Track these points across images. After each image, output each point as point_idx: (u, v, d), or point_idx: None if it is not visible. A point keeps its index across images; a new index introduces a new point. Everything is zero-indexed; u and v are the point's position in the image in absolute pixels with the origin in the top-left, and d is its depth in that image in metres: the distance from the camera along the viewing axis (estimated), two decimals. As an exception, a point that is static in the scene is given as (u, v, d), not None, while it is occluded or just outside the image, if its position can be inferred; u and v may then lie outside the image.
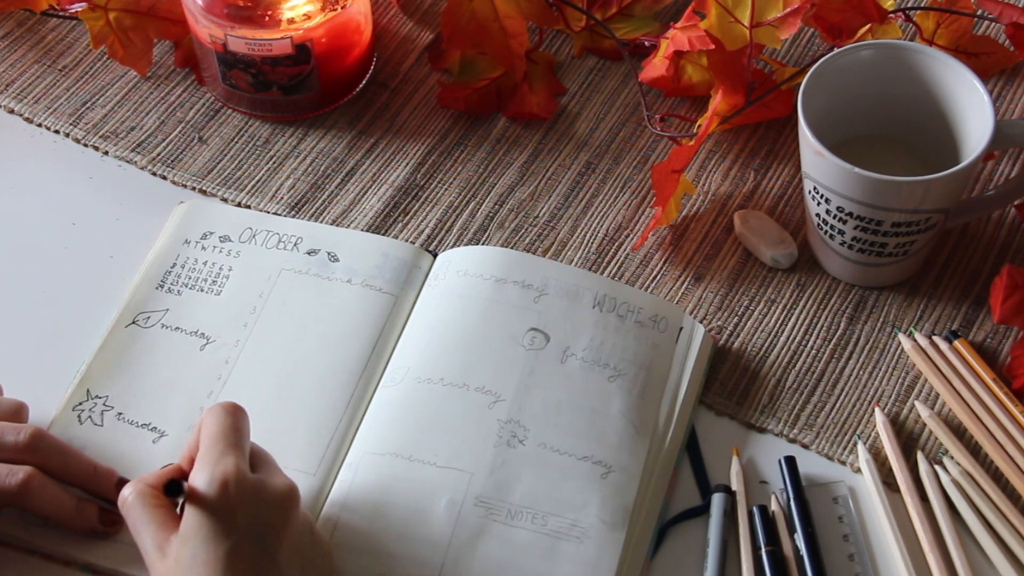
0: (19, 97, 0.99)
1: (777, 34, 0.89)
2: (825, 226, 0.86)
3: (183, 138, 0.97)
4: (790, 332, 0.87)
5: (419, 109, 0.99)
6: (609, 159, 0.96)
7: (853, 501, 0.79)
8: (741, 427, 0.83)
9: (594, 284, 0.85)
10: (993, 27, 1.01)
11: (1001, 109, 0.98)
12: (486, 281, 0.85)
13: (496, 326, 0.83)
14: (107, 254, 0.90)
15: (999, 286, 0.83)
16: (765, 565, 0.76)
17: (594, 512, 0.76)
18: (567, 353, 0.82)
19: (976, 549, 0.77)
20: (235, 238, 0.89)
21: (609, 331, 0.83)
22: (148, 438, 0.80)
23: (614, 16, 1.02)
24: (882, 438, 0.81)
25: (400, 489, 0.77)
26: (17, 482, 0.73)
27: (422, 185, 0.94)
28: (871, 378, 0.84)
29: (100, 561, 0.75)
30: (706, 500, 0.79)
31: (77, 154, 0.96)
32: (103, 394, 0.81)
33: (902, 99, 0.88)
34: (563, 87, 1.00)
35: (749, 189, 0.94)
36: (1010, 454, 0.79)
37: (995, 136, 0.82)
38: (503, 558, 0.75)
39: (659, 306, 0.85)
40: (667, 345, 0.83)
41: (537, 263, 0.86)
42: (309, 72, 0.94)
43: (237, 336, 0.84)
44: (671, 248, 0.91)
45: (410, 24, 1.04)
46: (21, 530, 0.76)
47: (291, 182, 0.94)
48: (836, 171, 0.81)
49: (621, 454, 0.78)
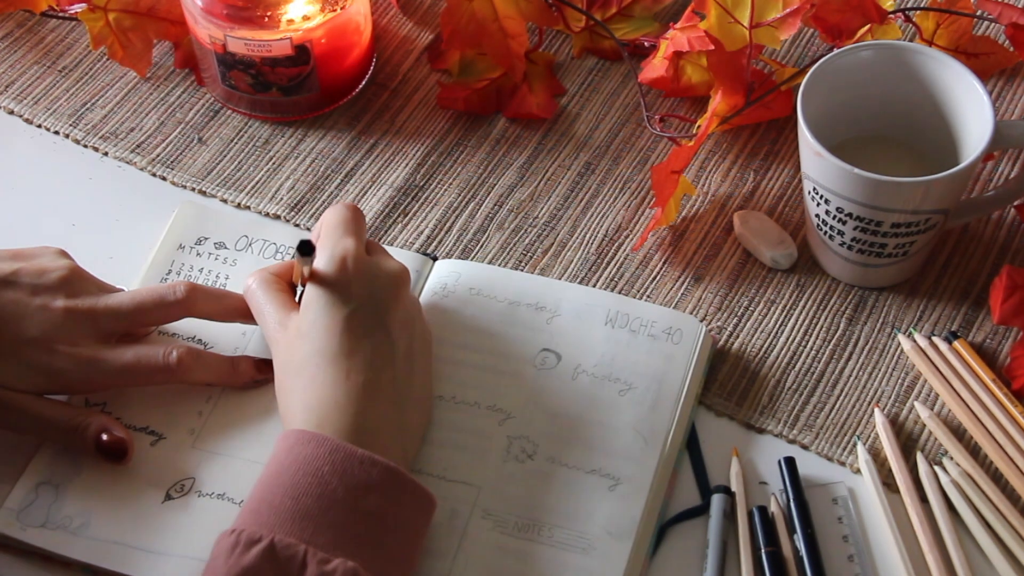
0: (19, 98, 0.99)
1: (777, 34, 0.89)
2: (825, 227, 0.86)
3: (183, 139, 0.97)
4: (790, 333, 0.87)
5: (419, 110, 0.99)
6: (609, 159, 0.96)
7: (853, 502, 0.79)
8: (741, 428, 0.83)
9: (607, 302, 0.85)
10: (993, 27, 1.01)
11: (1001, 109, 0.98)
12: (499, 303, 0.85)
13: (509, 348, 0.83)
14: (107, 255, 0.90)
15: (999, 287, 0.83)
16: (765, 566, 0.76)
17: (601, 524, 0.76)
18: (578, 370, 0.82)
19: (975, 550, 0.77)
20: (231, 246, 0.89)
21: (621, 347, 0.83)
22: (146, 441, 0.80)
23: (614, 16, 1.02)
24: (882, 439, 0.81)
25: None
26: (175, 360, 0.78)
27: (421, 186, 0.94)
28: (871, 379, 0.84)
29: (100, 562, 0.75)
30: (706, 500, 0.79)
31: (77, 155, 0.96)
32: (101, 400, 0.81)
33: (902, 99, 0.88)
34: (563, 87, 1.00)
35: (749, 189, 0.94)
36: (1010, 455, 0.79)
37: (995, 137, 0.82)
38: (509, 570, 0.75)
39: (673, 318, 0.84)
40: (682, 356, 0.83)
41: (551, 286, 0.86)
42: (308, 73, 0.94)
43: (235, 344, 0.84)
44: (671, 249, 0.91)
45: (410, 24, 1.04)
46: (19, 532, 0.76)
47: (291, 183, 0.94)
48: (836, 172, 0.81)
49: (629, 466, 0.78)
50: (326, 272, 0.76)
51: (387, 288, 0.77)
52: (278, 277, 0.80)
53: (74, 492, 0.77)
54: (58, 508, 0.77)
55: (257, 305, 0.79)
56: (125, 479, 0.78)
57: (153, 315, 0.80)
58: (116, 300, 0.80)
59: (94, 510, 0.77)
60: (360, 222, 0.80)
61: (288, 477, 0.69)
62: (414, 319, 0.79)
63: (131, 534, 0.76)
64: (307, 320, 0.75)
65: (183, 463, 0.79)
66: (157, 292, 0.80)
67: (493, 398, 0.81)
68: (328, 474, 0.69)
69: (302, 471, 0.69)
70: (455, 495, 0.77)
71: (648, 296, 0.88)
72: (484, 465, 0.78)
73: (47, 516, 0.76)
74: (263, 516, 0.68)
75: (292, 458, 0.70)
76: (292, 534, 0.67)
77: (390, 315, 0.76)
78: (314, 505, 0.68)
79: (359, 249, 0.78)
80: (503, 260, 0.90)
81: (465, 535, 0.76)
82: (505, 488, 0.78)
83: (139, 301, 0.80)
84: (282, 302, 0.78)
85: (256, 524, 0.68)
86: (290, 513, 0.68)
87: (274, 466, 0.71)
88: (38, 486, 0.78)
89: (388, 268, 0.78)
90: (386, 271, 0.78)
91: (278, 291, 0.79)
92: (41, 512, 0.77)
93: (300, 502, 0.68)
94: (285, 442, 0.72)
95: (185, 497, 0.77)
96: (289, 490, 0.69)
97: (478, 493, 0.77)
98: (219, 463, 0.79)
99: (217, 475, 0.78)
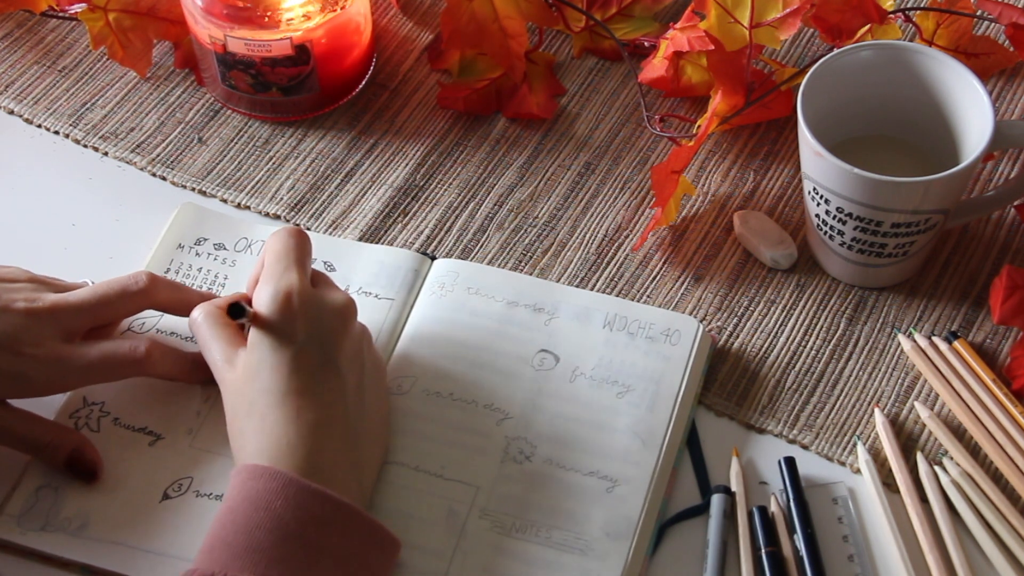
0: (19, 98, 0.99)
1: (777, 34, 0.89)
2: (825, 227, 0.86)
3: (183, 139, 0.97)
4: (790, 333, 0.87)
5: (419, 110, 0.99)
6: (609, 160, 0.96)
7: (853, 502, 0.79)
8: (741, 428, 0.83)
9: (605, 305, 0.85)
10: (993, 27, 1.01)
11: (1001, 109, 0.98)
12: (498, 303, 0.85)
13: (506, 347, 0.83)
14: (107, 255, 0.90)
15: (999, 287, 0.83)
16: (765, 566, 0.75)
17: (598, 525, 0.76)
18: (576, 372, 0.82)
19: (976, 550, 0.77)
20: (230, 247, 0.89)
21: (619, 349, 0.83)
22: (144, 442, 0.80)
23: (614, 17, 1.02)
24: (882, 439, 0.81)
25: (405, 498, 0.77)
26: (142, 354, 0.78)
27: (421, 186, 0.94)
28: (871, 379, 0.84)
29: (98, 562, 0.75)
30: (706, 500, 0.79)
31: (77, 155, 0.96)
32: (99, 400, 0.81)
33: (902, 99, 0.88)
34: (563, 87, 1.00)
35: (749, 189, 0.94)
36: (1010, 455, 0.79)
37: (995, 136, 0.81)
38: (507, 570, 0.75)
39: (671, 320, 0.84)
40: (680, 356, 0.83)
41: (550, 288, 0.86)
42: (308, 73, 0.94)
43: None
44: (671, 249, 0.91)
45: (410, 24, 1.04)
46: (19, 536, 0.76)
47: (291, 183, 0.94)
48: (836, 172, 0.81)
49: (627, 468, 0.78)
50: (270, 312, 0.74)
51: (334, 322, 0.75)
52: (223, 311, 0.77)
53: (73, 493, 0.77)
54: (57, 510, 0.77)
55: (203, 340, 0.77)
56: (124, 479, 0.78)
57: (117, 307, 0.79)
58: (77, 296, 0.78)
59: (92, 510, 0.77)
60: (305, 250, 0.78)
61: (241, 514, 0.68)
62: (363, 351, 0.77)
63: (129, 534, 0.76)
64: (254, 359, 0.74)
65: (181, 463, 0.79)
66: (119, 283, 0.79)
67: (490, 397, 0.81)
68: (281, 508, 0.68)
69: (255, 506, 0.68)
70: (453, 494, 0.77)
71: (648, 296, 0.88)
72: (482, 465, 0.78)
73: (47, 519, 0.76)
74: (217, 553, 0.67)
75: (245, 494, 0.69)
76: (246, 569, 0.66)
77: (338, 350, 0.75)
78: (267, 539, 0.67)
79: (303, 283, 0.76)
80: (503, 260, 0.90)
81: (463, 535, 0.76)
82: (503, 488, 0.78)
83: (101, 294, 0.79)
84: (228, 337, 0.76)
85: (210, 562, 0.67)
86: (244, 549, 0.67)
87: (227, 503, 0.70)
88: (38, 490, 0.78)
89: (334, 301, 0.76)
90: (332, 305, 0.76)
91: (224, 325, 0.77)
92: (41, 516, 0.77)
93: (253, 537, 0.67)
94: (238, 478, 0.70)
95: (183, 497, 0.77)
96: (242, 526, 0.68)
97: (476, 493, 0.77)
98: (217, 463, 0.79)
99: (215, 475, 0.78)
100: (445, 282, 0.86)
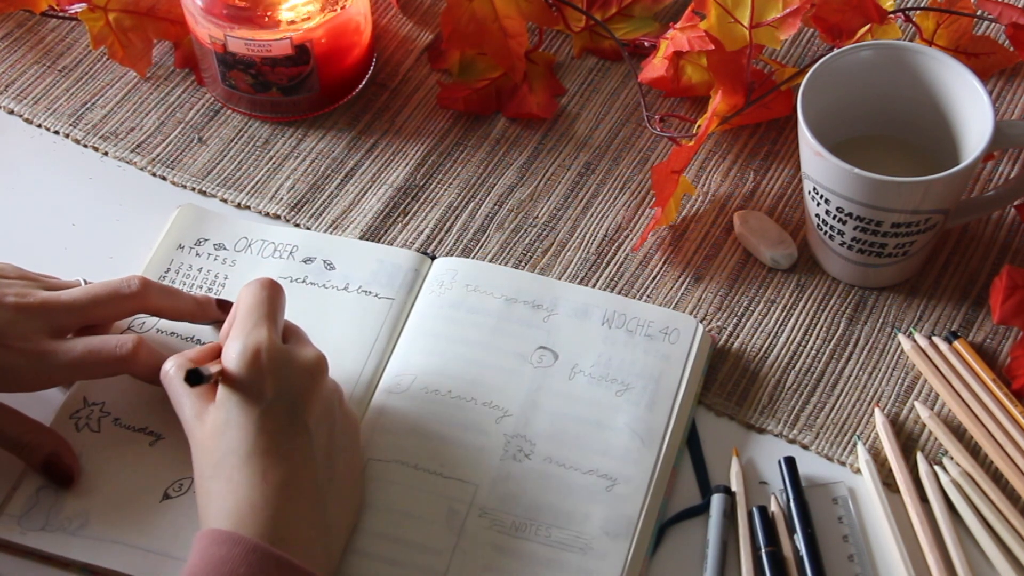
0: (19, 98, 0.99)
1: (777, 34, 0.89)
2: (825, 226, 0.86)
3: (183, 139, 0.97)
4: (790, 333, 0.87)
5: (419, 109, 0.99)
6: (609, 159, 0.96)
7: (853, 502, 0.79)
8: (741, 427, 0.83)
9: (604, 302, 0.85)
10: (993, 27, 1.01)
11: (1001, 109, 0.98)
12: (496, 300, 0.85)
13: (505, 344, 0.83)
14: (107, 255, 0.90)
15: (999, 287, 0.83)
16: (765, 566, 0.76)
17: (598, 524, 0.76)
18: (575, 370, 0.82)
19: (976, 550, 0.77)
20: (230, 247, 0.89)
21: (617, 347, 0.83)
22: (145, 442, 0.80)
23: (614, 16, 1.02)
24: (882, 439, 0.81)
25: (404, 496, 0.77)
26: (127, 351, 0.77)
27: (422, 186, 0.94)
28: (871, 379, 0.84)
29: (98, 561, 0.75)
30: (706, 500, 0.79)
31: (77, 155, 0.96)
32: (99, 400, 0.81)
33: (902, 99, 0.88)
34: (563, 87, 1.00)
35: (749, 189, 0.94)
36: (1010, 455, 0.79)
37: (995, 136, 0.82)
38: (506, 568, 0.75)
39: (671, 318, 0.84)
40: (679, 355, 0.83)
41: (548, 284, 0.86)
42: (308, 73, 0.94)
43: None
44: (671, 249, 0.91)
45: (410, 24, 1.04)
46: (19, 536, 0.76)
47: (291, 183, 0.94)
48: (836, 172, 0.81)
49: (626, 466, 0.78)
50: (238, 370, 0.72)
51: (303, 380, 0.73)
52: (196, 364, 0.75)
53: (73, 492, 0.77)
54: (58, 510, 0.77)
55: (174, 395, 0.75)
56: (124, 479, 0.78)
57: (107, 309, 0.79)
58: (68, 295, 0.78)
59: (92, 510, 0.77)
60: (277, 303, 0.76)
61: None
62: (334, 409, 0.75)
63: (129, 533, 0.76)
64: (221, 417, 0.72)
65: (181, 463, 0.78)
66: (111, 286, 0.79)
67: (489, 394, 0.81)
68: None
69: (217, 573, 0.66)
70: (452, 492, 0.77)
71: (648, 296, 0.88)
72: (482, 463, 0.78)
73: (47, 519, 0.76)
74: None
75: (207, 560, 0.67)
76: None
77: (307, 409, 0.73)
78: None
79: (272, 339, 0.74)
80: (503, 260, 0.90)
81: (463, 533, 0.76)
82: (503, 487, 0.78)
83: (92, 295, 0.78)
84: (199, 392, 0.74)
85: None
86: None
87: (189, 568, 0.67)
88: (39, 490, 0.78)
89: (304, 358, 0.74)
90: (301, 362, 0.74)
91: None
92: (41, 515, 0.77)
93: None
94: (200, 543, 0.68)
95: (183, 497, 0.77)
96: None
97: (475, 491, 0.77)
98: (218, 463, 0.79)
99: (216, 475, 0.78)
100: (444, 280, 0.86)
